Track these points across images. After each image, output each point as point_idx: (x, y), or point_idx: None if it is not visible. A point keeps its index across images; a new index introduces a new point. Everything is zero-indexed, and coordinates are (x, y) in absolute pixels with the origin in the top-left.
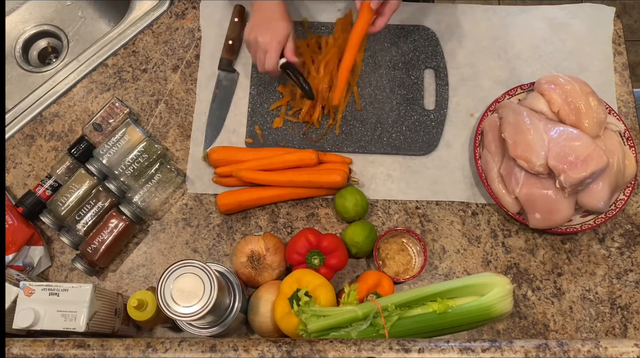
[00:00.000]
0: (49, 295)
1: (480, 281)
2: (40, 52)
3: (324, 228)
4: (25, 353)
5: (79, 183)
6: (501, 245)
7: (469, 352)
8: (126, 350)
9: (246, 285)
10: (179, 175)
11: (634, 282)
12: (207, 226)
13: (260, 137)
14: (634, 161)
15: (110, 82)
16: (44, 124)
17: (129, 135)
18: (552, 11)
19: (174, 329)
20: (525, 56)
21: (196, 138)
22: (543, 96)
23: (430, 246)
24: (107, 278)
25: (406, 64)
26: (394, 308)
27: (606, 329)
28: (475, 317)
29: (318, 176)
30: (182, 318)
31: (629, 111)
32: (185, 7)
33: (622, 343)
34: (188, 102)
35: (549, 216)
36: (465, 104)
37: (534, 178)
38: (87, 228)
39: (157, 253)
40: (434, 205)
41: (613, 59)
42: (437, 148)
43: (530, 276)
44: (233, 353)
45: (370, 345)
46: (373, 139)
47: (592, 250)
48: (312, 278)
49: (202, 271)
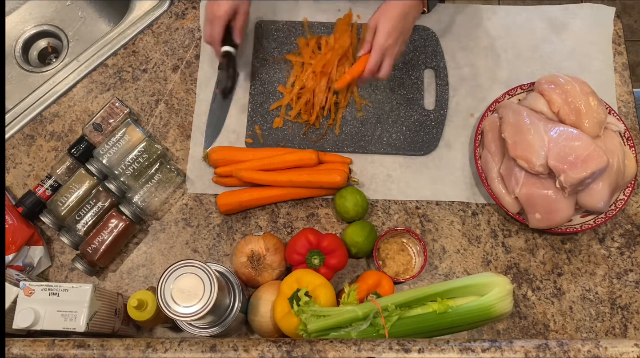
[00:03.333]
0: (49, 295)
1: (480, 281)
2: (40, 52)
3: (324, 228)
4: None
5: (79, 183)
6: (501, 245)
7: (469, 352)
8: (126, 350)
9: (246, 285)
10: (179, 175)
11: (634, 282)
12: (207, 226)
13: (260, 137)
14: (634, 161)
15: (110, 82)
16: (44, 124)
17: (129, 135)
18: (552, 11)
19: (174, 329)
20: (525, 56)
21: (196, 138)
22: (543, 96)
23: (430, 246)
24: (107, 278)
25: (406, 64)
26: (394, 308)
27: (606, 329)
28: (475, 317)
29: (318, 176)
30: (182, 318)
31: (629, 111)
32: (185, 7)
33: (622, 343)
34: (188, 102)
35: (549, 216)
36: (465, 104)
37: (534, 178)
38: (87, 228)
39: (157, 253)
40: (434, 205)
41: (613, 59)
42: (437, 148)
43: (530, 276)
44: (233, 353)
45: (370, 345)
46: (373, 139)
47: (592, 250)
48: (312, 278)
49: (202, 271)
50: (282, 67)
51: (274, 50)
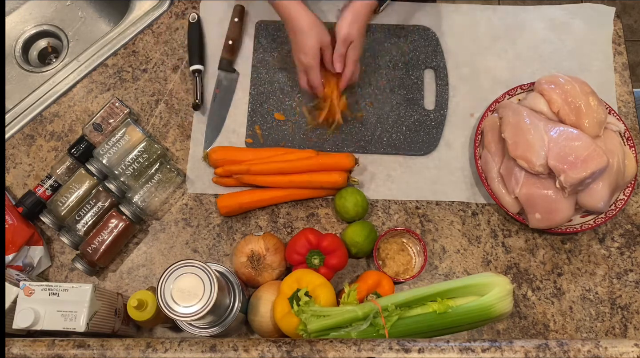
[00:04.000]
0: (49, 295)
1: (480, 281)
2: (40, 52)
3: (324, 228)
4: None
5: (79, 183)
6: (501, 245)
7: (469, 352)
8: (126, 350)
9: (246, 285)
10: (179, 175)
11: (634, 282)
12: (207, 226)
13: (260, 137)
14: (634, 161)
15: (110, 82)
16: (44, 124)
17: (129, 135)
18: (552, 11)
19: (174, 329)
20: (525, 56)
21: (196, 138)
22: (543, 96)
23: (430, 246)
24: (107, 278)
25: (406, 64)
26: (394, 308)
27: (606, 329)
28: (475, 317)
29: (318, 176)
30: (182, 318)
31: (629, 111)
32: (185, 7)
33: (622, 343)
34: (188, 102)
35: (549, 216)
36: (465, 104)
37: (534, 178)
38: (87, 228)
39: (157, 253)
40: (434, 205)
41: (613, 59)
42: (437, 148)
43: (530, 276)
44: (233, 353)
45: (370, 345)
46: (373, 139)
47: (592, 250)
48: (312, 278)
49: (202, 271)
50: (282, 68)
51: (274, 50)
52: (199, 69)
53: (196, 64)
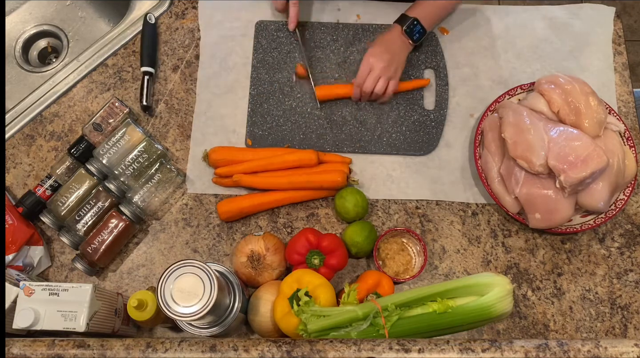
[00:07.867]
0: (49, 295)
1: (480, 281)
2: (40, 52)
3: (324, 228)
4: (25, 353)
5: (79, 183)
6: (501, 245)
7: (469, 352)
8: (126, 350)
9: (246, 285)
10: (179, 175)
11: (634, 282)
12: (207, 226)
13: (260, 137)
14: (634, 161)
15: (110, 82)
16: (44, 124)
17: (129, 135)
18: (552, 11)
19: (174, 329)
20: (525, 56)
21: (196, 138)
22: (543, 96)
23: (430, 246)
24: (107, 278)
25: (406, 64)
26: (394, 308)
27: (606, 329)
28: (475, 317)
29: (318, 176)
30: (182, 318)
31: (629, 111)
32: (185, 7)
33: (622, 343)
34: (188, 102)
35: (549, 216)
36: (465, 104)
37: (534, 178)
38: (87, 228)
39: (157, 253)
40: (434, 205)
41: (613, 59)
42: (437, 148)
43: (530, 276)
44: (233, 353)
45: (370, 345)
46: (373, 139)
47: (592, 250)
48: (312, 278)
49: (202, 271)
50: (282, 68)
51: (273, 50)
52: (150, 71)
53: (146, 66)
